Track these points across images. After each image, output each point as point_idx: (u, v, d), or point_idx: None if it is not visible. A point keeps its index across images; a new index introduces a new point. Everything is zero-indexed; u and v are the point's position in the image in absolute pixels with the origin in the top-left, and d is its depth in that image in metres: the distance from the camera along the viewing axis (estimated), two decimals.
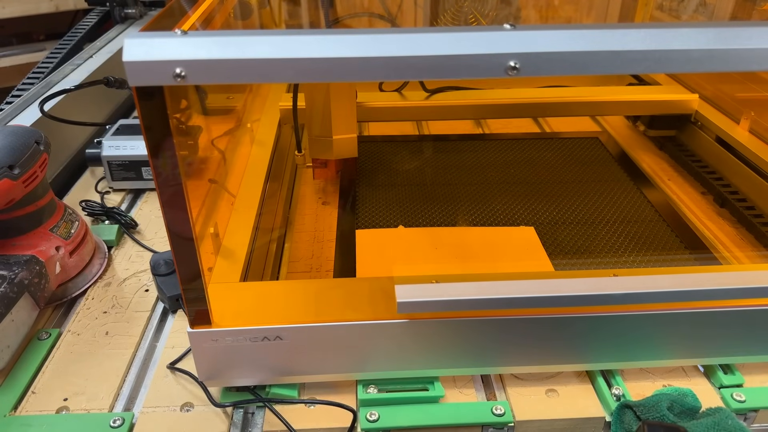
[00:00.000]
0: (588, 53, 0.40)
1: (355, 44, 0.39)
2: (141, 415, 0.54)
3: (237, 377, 0.55)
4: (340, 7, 1.16)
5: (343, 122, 0.77)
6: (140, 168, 0.87)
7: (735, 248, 0.74)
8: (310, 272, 0.71)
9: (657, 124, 0.98)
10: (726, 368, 0.58)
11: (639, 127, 1.02)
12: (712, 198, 0.83)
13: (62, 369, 0.59)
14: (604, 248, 0.73)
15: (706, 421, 0.50)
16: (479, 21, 0.92)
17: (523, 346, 0.55)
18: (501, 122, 1.08)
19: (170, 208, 0.45)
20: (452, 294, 0.50)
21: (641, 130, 1.01)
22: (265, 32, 0.39)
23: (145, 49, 0.38)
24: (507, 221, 0.78)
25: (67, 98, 0.93)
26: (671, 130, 0.97)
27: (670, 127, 0.97)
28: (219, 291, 0.56)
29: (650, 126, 0.99)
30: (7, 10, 1.84)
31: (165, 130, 0.42)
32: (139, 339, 0.63)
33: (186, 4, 0.54)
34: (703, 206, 0.82)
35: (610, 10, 1.17)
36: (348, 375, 0.56)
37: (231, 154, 0.75)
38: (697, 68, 0.41)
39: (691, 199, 0.84)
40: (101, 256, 0.73)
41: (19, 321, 0.60)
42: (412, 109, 0.94)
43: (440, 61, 0.39)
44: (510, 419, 0.53)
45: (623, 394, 0.55)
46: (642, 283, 0.51)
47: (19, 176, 0.60)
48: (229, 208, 0.69)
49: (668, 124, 0.97)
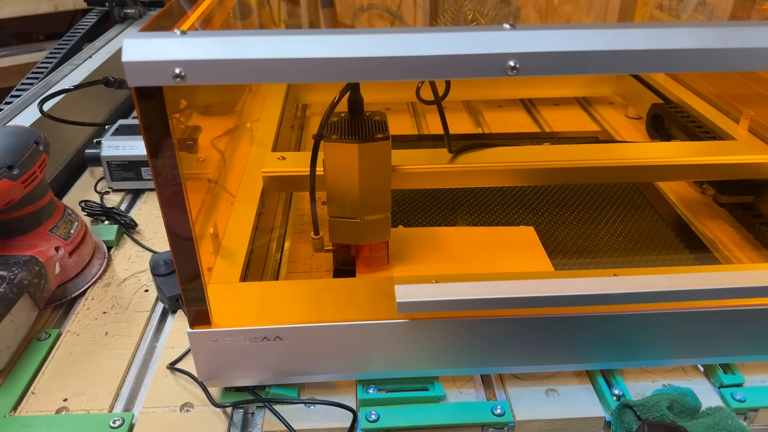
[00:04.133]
0: (588, 53, 0.40)
1: (355, 44, 0.39)
2: (141, 415, 0.54)
3: (237, 377, 0.55)
4: (339, 7, 1.16)
5: (375, 198, 0.58)
6: (140, 168, 0.87)
7: (735, 248, 0.74)
8: (310, 272, 0.71)
9: (732, 189, 0.79)
10: (726, 368, 0.58)
11: (708, 191, 0.83)
12: (710, 197, 0.83)
13: (62, 369, 0.59)
14: (604, 248, 0.73)
15: (706, 420, 0.50)
16: (479, 21, 0.93)
17: (523, 346, 0.55)
18: (501, 122, 1.08)
19: (170, 208, 0.45)
20: (452, 294, 0.50)
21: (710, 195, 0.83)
22: (264, 32, 0.39)
23: (144, 49, 0.38)
24: (507, 221, 0.78)
25: (66, 98, 0.93)
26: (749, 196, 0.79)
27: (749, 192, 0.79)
28: (219, 291, 0.56)
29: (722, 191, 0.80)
30: (6, 10, 1.83)
31: (164, 131, 0.41)
32: (138, 339, 0.63)
33: (185, 4, 0.54)
34: (702, 206, 0.82)
35: (609, 9, 1.17)
36: (348, 375, 0.56)
37: (230, 154, 0.75)
38: (697, 68, 0.41)
39: (690, 197, 0.84)
40: (101, 256, 0.73)
41: (18, 321, 0.60)
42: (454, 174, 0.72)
43: (440, 61, 0.39)
44: (510, 419, 0.53)
45: (623, 393, 0.55)
46: (642, 283, 0.51)
47: (18, 177, 0.60)
48: (229, 208, 0.69)
49: (746, 189, 0.79)
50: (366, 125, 0.57)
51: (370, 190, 0.57)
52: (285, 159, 0.71)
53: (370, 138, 0.55)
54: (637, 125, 1.05)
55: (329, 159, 0.56)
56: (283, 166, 0.70)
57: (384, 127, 0.57)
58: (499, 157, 0.73)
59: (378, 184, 0.58)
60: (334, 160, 0.56)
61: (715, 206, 0.82)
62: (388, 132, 0.56)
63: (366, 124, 0.57)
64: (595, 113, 1.10)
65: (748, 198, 0.79)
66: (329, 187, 0.58)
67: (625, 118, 1.08)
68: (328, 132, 0.56)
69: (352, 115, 0.58)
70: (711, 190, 0.83)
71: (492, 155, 0.73)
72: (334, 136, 0.55)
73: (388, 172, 0.58)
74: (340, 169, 0.56)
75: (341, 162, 0.56)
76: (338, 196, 0.58)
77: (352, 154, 0.55)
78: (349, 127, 0.56)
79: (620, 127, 1.04)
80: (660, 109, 0.95)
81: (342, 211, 0.59)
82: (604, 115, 1.09)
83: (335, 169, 0.57)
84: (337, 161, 0.56)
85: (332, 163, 0.56)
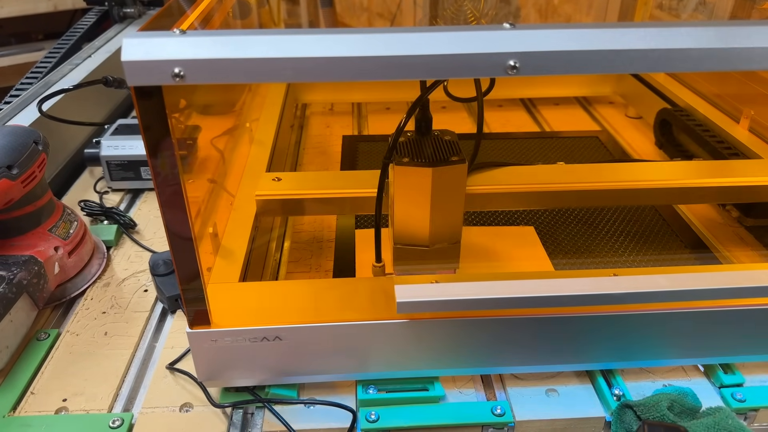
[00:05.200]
0: (588, 52, 0.40)
1: (355, 44, 0.39)
2: (140, 415, 0.54)
3: (236, 378, 0.55)
4: (339, 7, 1.16)
5: (447, 225, 0.55)
6: (139, 168, 0.87)
7: (735, 248, 0.74)
8: (310, 272, 0.71)
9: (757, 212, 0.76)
10: (726, 368, 0.58)
11: (732, 213, 0.79)
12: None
13: (61, 369, 0.59)
14: (604, 248, 0.73)
15: (706, 420, 0.50)
16: (479, 20, 0.92)
17: (523, 346, 0.55)
18: (500, 121, 1.08)
19: (169, 208, 0.45)
20: (452, 294, 0.50)
21: (734, 217, 0.79)
22: (264, 32, 0.39)
23: (143, 48, 0.38)
24: (507, 221, 0.78)
25: (65, 98, 0.93)
26: None
27: None
28: (218, 291, 0.56)
29: (747, 213, 0.77)
30: (5, 9, 1.83)
31: (164, 130, 0.41)
32: (138, 339, 0.63)
33: (185, 4, 0.54)
34: (702, 206, 0.82)
35: (609, 8, 1.17)
36: (348, 375, 0.56)
37: (230, 153, 0.75)
38: (697, 67, 0.41)
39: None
40: (100, 256, 0.73)
41: (17, 321, 0.60)
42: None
43: (440, 61, 0.39)
44: (510, 419, 0.53)
45: (623, 393, 0.55)
46: (642, 283, 0.51)
47: (17, 176, 0.60)
48: (228, 207, 0.68)
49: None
50: (438, 146, 0.53)
51: (442, 216, 0.54)
52: (281, 180, 0.67)
53: (444, 161, 0.51)
54: (637, 125, 1.05)
55: (399, 183, 0.53)
56: (279, 189, 0.66)
57: (457, 149, 0.53)
58: (511, 178, 0.68)
59: (451, 210, 0.54)
60: (404, 184, 0.52)
61: (736, 226, 0.78)
62: (462, 154, 0.52)
63: (437, 144, 0.54)
64: (595, 113, 1.10)
65: None
66: (398, 213, 0.54)
67: (626, 117, 1.08)
68: (398, 154, 0.52)
69: (420, 134, 0.54)
70: (735, 212, 0.79)
71: (504, 176, 0.69)
72: (405, 159, 0.51)
73: (462, 197, 0.54)
74: (411, 194, 0.53)
75: (412, 187, 0.52)
76: (407, 223, 0.54)
77: (425, 179, 0.51)
78: (420, 149, 0.53)
79: (620, 126, 1.04)
80: (668, 114, 0.94)
81: (411, 239, 0.55)
82: (605, 114, 1.09)
83: (405, 194, 0.53)
84: (407, 186, 0.52)
85: (402, 188, 0.53)
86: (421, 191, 0.52)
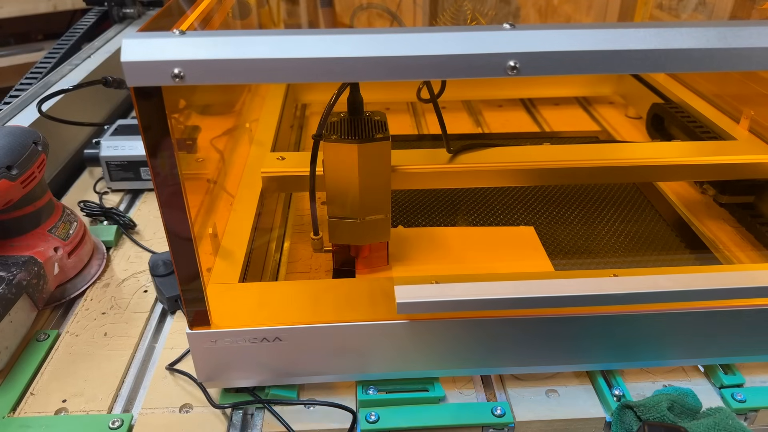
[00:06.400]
0: (588, 53, 0.40)
1: (355, 44, 0.39)
2: (140, 416, 0.54)
3: (236, 378, 0.55)
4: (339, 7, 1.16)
5: (375, 198, 0.58)
6: (139, 168, 0.87)
7: (735, 248, 0.74)
8: (310, 272, 0.71)
9: (732, 189, 0.79)
10: (726, 368, 0.58)
11: (708, 192, 0.83)
12: (710, 197, 0.83)
13: (61, 370, 0.59)
14: (604, 248, 0.73)
15: (706, 421, 0.50)
16: (478, 20, 0.92)
17: (523, 346, 0.55)
18: (500, 121, 1.08)
19: (169, 209, 0.45)
20: (452, 294, 0.50)
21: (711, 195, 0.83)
22: (263, 32, 0.39)
23: (143, 49, 0.38)
24: (507, 221, 0.78)
25: (65, 98, 0.93)
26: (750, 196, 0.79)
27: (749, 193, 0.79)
28: (218, 292, 0.56)
29: (723, 191, 0.80)
30: (4, 10, 1.83)
31: (163, 131, 0.41)
32: (137, 340, 0.63)
33: (184, 4, 0.54)
34: (703, 206, 0.82)
35: (609, 9, 1.17)
36: (347, 376, 0.56)
37: (229, 154, 0.75)
38: (697, 68, 0.41)
39: (690, 197, 0.84)
40: (100, 256, 0.73)
41: (17, 322, 0.60)
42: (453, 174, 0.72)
43: (440, 61, 0.39)
44: (510, 420, 0.53)
45: (623, 394, 0.55)
46: (642, 283, 0.51)
47: (17, 177, 0.60)
48: (228, 208, 0.68)
49: (747, 190, 0.79)
50: (366, 125, 0.57)
51: (369, 190, 0.57)
52: (284, 159, 0.71)
53: (369, 138, 0.55)
54: (637, 125, 1.05)
55: (329, 159, 0.56)
56: (283, 167, 0.70)
57: (384, 127, 0.57)
58: (498, 157, 0.73)
59: (378, 185, 0.57)
60: (333, 160, 0.56)
61: (715, 206, 0.81)
62: (387, 132, 0.56)
63: (366, 124, 0.57)
64: (595, 113, 1.10)
65: (748, 198, 0.79)
66: (329, 187, 0.57)
67: (625, 117, 1.08)
68: (328, 132, 0.55)
69: (351, 115, 0.58)
70: (711, 191, 0.83)
71: (491, 155, 0.73)
72: (333, 136, 0.55)
73: (388, 172, 0.57)
74: (340, 169, 0.56)
75: (341, 162, 0.56)
76: (338, 197, 0.58)
77: (351, 155, 0.55)
78: (349, 127, 0.56)
79: (620, 126, 1.04)
80: (660, 109, 0.95)
81: (342, 212, 0.59)
82: (604, 114, 1.09)
83: (335, 169, 0.56)
84: (336, 161, 0.56)
85: (332, 163, 0.56)
86: (350, 166, 0.56)
